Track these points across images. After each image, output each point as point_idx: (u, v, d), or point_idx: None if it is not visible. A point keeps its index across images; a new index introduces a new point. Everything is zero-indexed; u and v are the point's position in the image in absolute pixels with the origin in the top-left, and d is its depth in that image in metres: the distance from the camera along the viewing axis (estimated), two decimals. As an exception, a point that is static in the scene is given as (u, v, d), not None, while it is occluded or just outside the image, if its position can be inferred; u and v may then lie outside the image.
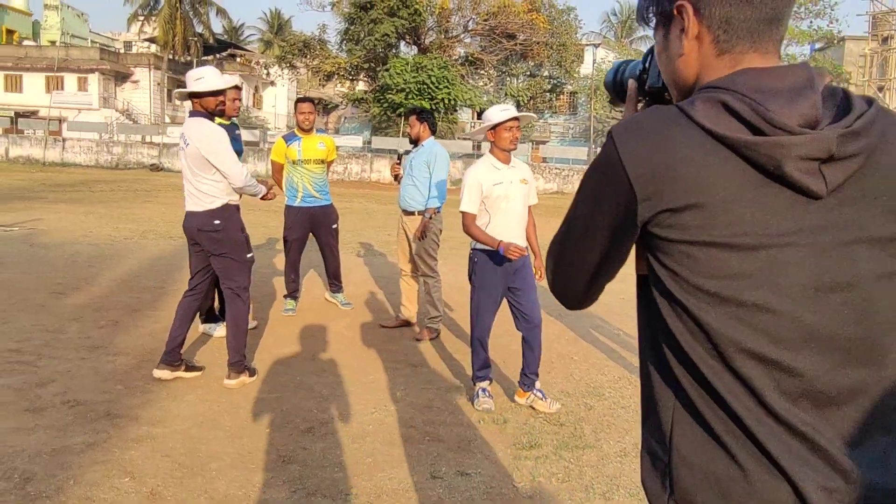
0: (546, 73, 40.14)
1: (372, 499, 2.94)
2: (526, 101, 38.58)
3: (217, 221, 4.17)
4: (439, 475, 3.18)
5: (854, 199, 0.91)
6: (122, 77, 44.52)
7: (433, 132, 5.63)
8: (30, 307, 5.83)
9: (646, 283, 1.02)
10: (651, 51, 1.17)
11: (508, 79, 39.89)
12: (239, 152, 5.34)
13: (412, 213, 5.52)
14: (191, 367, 4.44)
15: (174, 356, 4.33)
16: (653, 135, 0.93)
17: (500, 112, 3.93)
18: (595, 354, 5.37)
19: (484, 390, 4.12)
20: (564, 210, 1.12)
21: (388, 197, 23.16)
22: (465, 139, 37.55)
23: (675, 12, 1.01)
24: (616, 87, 1.29)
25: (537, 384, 4.07)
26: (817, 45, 37.96)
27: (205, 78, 4.21)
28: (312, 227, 6.10)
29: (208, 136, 4.12)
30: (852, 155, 0.89)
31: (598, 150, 1.08)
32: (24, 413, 3.62)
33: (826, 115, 0.92)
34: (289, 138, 6.05)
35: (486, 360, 4.16)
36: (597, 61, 40.97)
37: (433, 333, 5.55)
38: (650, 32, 1.16)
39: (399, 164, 5.68)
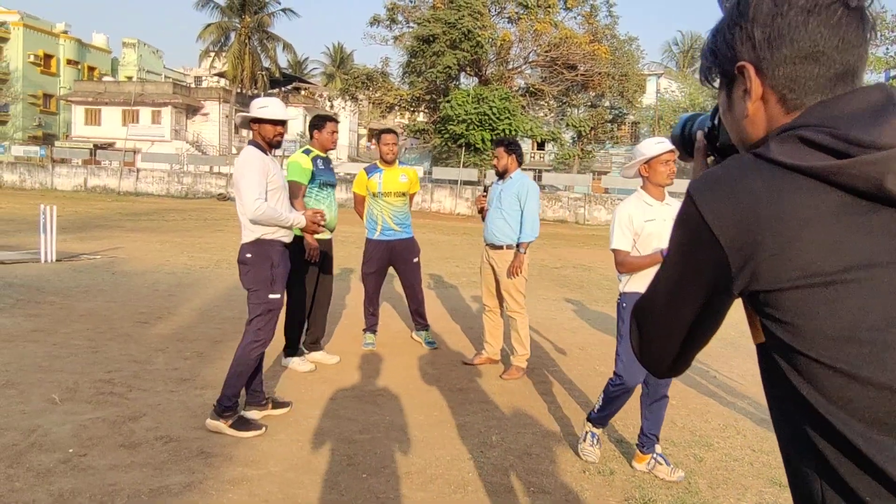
0: (607, 104, 39.84)
1: (484, 558, 2.73)
2: (587, 132, 38.30)
3: (248, 255, 4.00)
4: (552, 533, 2.95)
5: None
6: (192, 110, 46.33)
7: (520, 163, 5.49)
8: (117, 336, 5.88)
9: (766, 354, 0.90)
10: (718, 108, 1.11)
11: (569, 109, 39.72)
12: (332, 184, 5.32)
13: (500, 248, 5.35)
14: (278, 404, 4.34)
15: (258, 396, 4.23)
16: (733, 187, 0.88)
17: (656, 145, 3.61)
18: (694, 398, 5.06)
19: (594, 435, 3.82)
20: None
21: (450, 227, 23.16)
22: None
23: (737, 73, 0.97)
24: (684, 141, 1.27)
25: (658, 447, 3.70)
26: (893, 73, 36.57)
27: (269, 107, 4.14)
28: (392, 261, 6.00)
29: (241, 161, 4.00)
30: None
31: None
32: (120, 449, 3.56)
33: None
34: (370, 170, 5.99)
35: (616, 412, 3.82)
36: (659, 91, 40.49)
37: (520, 372, 5.34)
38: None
39: (485, 196, 5.53)
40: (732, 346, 6.77)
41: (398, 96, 38.58)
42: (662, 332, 1.02)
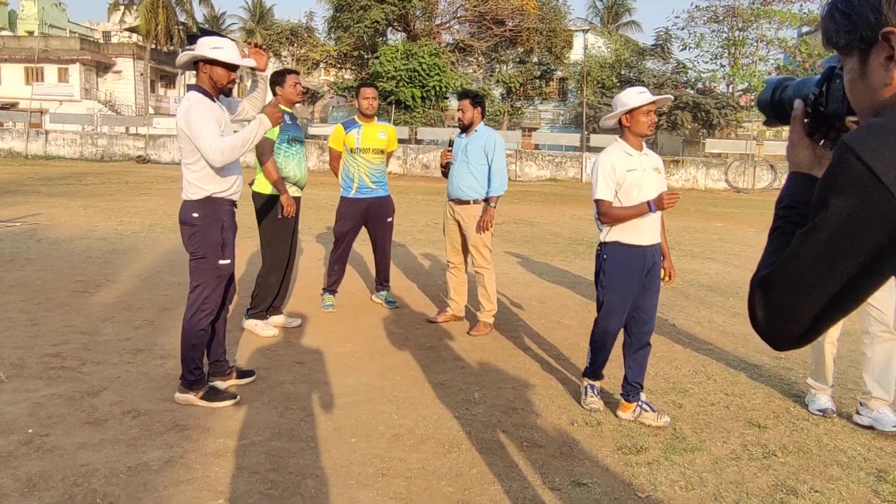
0: (535, 60, 39.79)
1: (494, 516, 2.68)
2: (517, 88, 38.26)
3: (195, 215, 3.64)
4: (555, 486, 2.92)
5: None
6: (103, 67, 43.63)
7: (483, 116, 5.35)
8: (56, 307, 5.48)
9: None
10: (828, 75, 1.06)
11: (498, 65, 39.50)
12: (300, 140, 5.07)
13: (467, 202, 5.22)
14: (242, 373, 4.11)
15: (221, 366, 3.99)
16: None
17: (638, 95, 3.58)
18: (660, 346, 5.12)
19: (593, 387, 3.86)
20: (560, 197, 0.91)
21: (386, 186, 22.78)
22: (455, 127, 37.17)
23: (881, 39, 0.90)
24: (774, 107, 1.22)
25: (643, 395, 3.75)
26: (805, 29, 38.02)
27: (225, 49, 3.69)
28: (366, 220, 5.80)
29: (187, 107, 3.56)
30: None
31: (591, 136, 0.91)
32: (85, 426, 3.31)
33: None
34: (348, 125, 5.72)
35: (605, 361, 3.86)
36: (587, 47, 40.73)
37: (488, 328, 5.29)
38: (639, 19, 0.99)
39: (450, 150, 5.37)
40: (684, 295, 6.92)
41: (324, 53, 37.39)
42: (801, 302, 0.95)
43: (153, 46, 43.14)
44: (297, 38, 37.71)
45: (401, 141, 33.14)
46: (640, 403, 3.70)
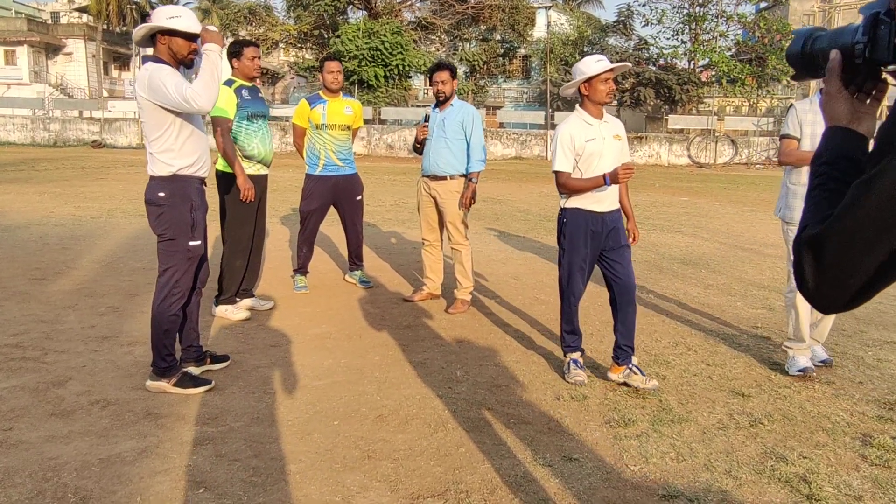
0: (499, 37, 39.57)
1: (486, 495, 2.60)
2: (480, 66, 38.02)
3: (161, 194, 3.47)
4: (546, 462, 2.87)
5: None
6: (53, 49, 42.08)
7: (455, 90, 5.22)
8: (13, 296, 5.24)
9: None
10: (874, 20, 0.99)
11: (461, 43, 39.18)
12: (263, 115, 4.87)
13: (443, 178, 5.11)
14: (217, 358, 3.96)
15: (195, 352, 3.83)
16: None
17: (596, 63, 3.59)
18: (639, 318, 5.04)
19: (575, 361, 3.85)
20: (527, 175, 0.83)
21: (351, 167, 22.48)
22: (419, 106, 36.78)
23: None
24: (805, 60, 1.14)
25: (634, 359, 3.75)
26: (763, 5, 38.42)
27: (182, 17, 3.45)
28: (335, 199, 5.65)
29: (149, 74, 3.33)
30: None
31: (555, 113, 0.84)
32: (52, 418, 3.14)
33: None
34: (313, 100, 5.53)
35: (577, 329, 3.89)
36: (549, 24, 40.64)
37: (466, 305, 5.21)
38: None
39: (426, 126, 5.22)
40: (657, 268, 6.94)
41: (284, 32, 36.63)
42: (857, 259, 0.88)
43: (105, 27, 41.65)
44: (256, 17, 36.87)
45: (364, 121, 32.74)
46: (630, 366, 3.70)
